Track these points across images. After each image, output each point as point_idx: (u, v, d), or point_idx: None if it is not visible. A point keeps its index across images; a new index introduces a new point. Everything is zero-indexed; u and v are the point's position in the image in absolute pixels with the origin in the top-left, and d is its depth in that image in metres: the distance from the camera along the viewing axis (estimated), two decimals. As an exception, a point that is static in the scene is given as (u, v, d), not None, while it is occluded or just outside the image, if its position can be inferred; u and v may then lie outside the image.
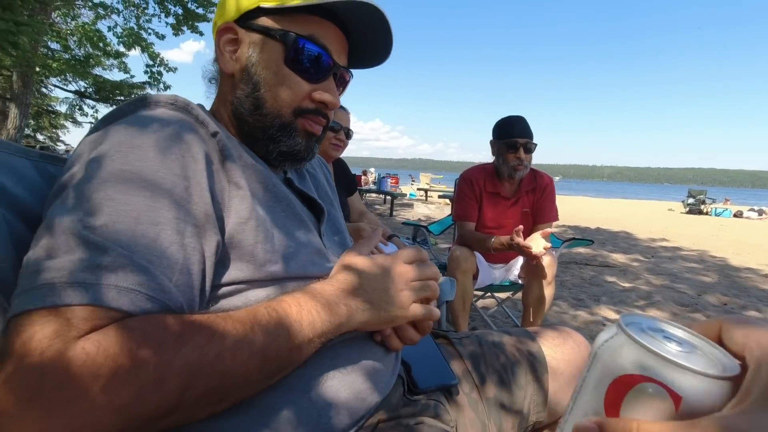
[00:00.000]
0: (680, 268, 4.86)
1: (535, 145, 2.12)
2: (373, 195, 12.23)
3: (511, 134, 2.09)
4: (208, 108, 0.72)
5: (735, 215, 15.02)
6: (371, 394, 0.61)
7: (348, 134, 1.92)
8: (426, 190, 13.32)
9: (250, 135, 0.68)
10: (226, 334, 0.45)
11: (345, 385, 0.58)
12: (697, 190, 16.99)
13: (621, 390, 0.26)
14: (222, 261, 0.54)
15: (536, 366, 0.85)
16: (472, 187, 2.23)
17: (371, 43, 0.72)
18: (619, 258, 5.41)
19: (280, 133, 0.66)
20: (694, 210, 15.88)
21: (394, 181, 9.89)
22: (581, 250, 5.88)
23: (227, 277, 0.55)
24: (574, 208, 15.73)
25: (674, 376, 0.24)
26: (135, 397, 0.39)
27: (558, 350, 0.88)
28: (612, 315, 2.96)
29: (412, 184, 15.29)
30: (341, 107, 1.84)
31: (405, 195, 13.01)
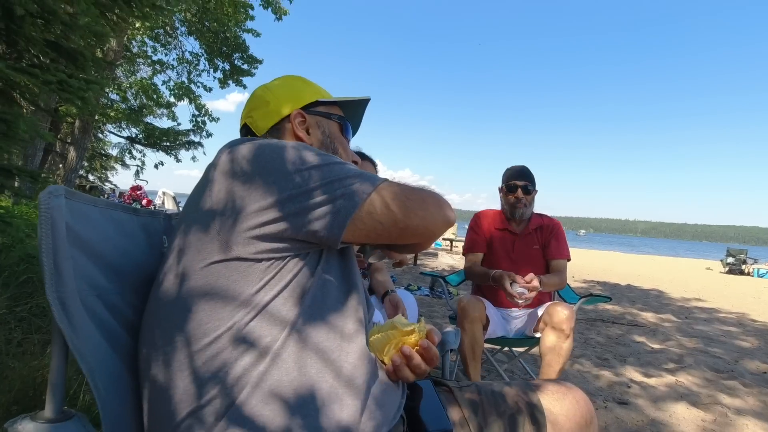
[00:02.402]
0: (716, 331, 4.61)
1: (534, 189, 2.36)
2: (398, 242, 12.25)
3: (511, 178, 2.37)
4: None
5: (780, 277, 14.13)
6: (375, 428, 0.68)
7: None
8: (451, 240, 13.28)
9: None
10: None
11: (353, 410, 0.66)
12: (737, 249, 16.21)
13: None
14: None
15: (537, 417, 0.87)
16: (480, 223, 2.45)
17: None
18: (649, 317, 5.19)
19: None
20: (735, 270, 15.08)
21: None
22: (608, 306, 5.69)
23: None
24: (604, 263, 15.24)
25: None
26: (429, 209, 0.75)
27: (557, 404, 0.90)
28: (639, 377, 2.84)
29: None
30: (371, 160, 1.97)
31: (429, 243, 12.98)
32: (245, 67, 10.03)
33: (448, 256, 9.77)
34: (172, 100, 9.53)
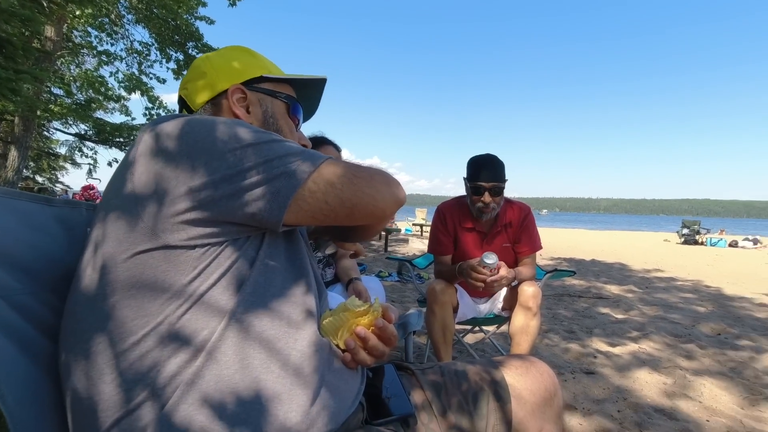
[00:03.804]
0: (674, 299, 4.84)
1: (502, 187, 2.07)
2: (369, 231, 12.26)
3: (477, 177, 2.05)
4: None
5: (730, 245, 15.06)
6: (330, 419, 0.64)
7: None
8: (421, 226, 13.38)
9: None
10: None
11: (305, 404, 0.61)
12: (691, 220, 17.13)
13: None
14: None
15: (500, 394, 0.85)
16: (445, 222, 2.23)
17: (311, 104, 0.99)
18: (613, 289, 5.39)
19: None
20: (690, 240, 15.95)
21: (389, 216, 9.96)
22: (575, 281, 5.87)
23: None
24: (570, 241, 15.77)
25: None
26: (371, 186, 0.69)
27: (521, 379, 0.88)
28: (604, 347, 2.93)
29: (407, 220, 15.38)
30: (334, 145, 1.88)
31: (400, 230, 13.04)
32: (200, 56, 9.58)
33: (418, 241, 9.80)
34: (122, 93, 9.00)
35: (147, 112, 9.45)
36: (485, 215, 2.11)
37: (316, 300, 0.73)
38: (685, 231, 16.42)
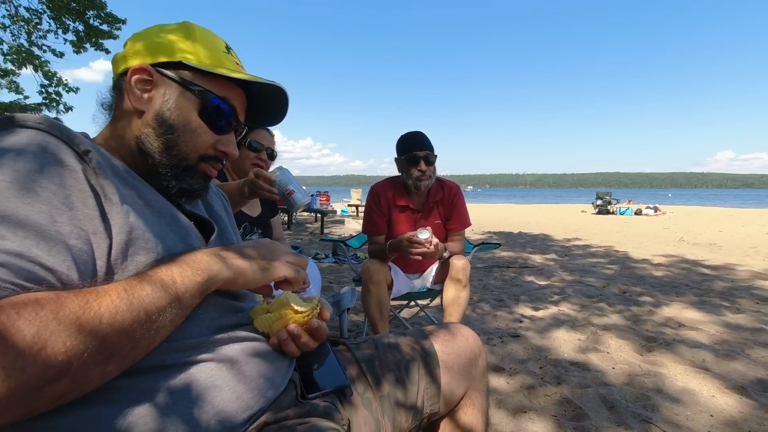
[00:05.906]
0: (589, 264, 5.32)
1: (435, 156, 2.20)
2: (305, 213, 12.08)
3: (411, 149, 2.17)
4: (95, 132, 0.75)
5: (636, 213, 16.83)
6: (255, 400, 0.64)
7: (271, 155, 1.83)
8: (357, 206, 13.41)
9: (153, 169, 0.70)
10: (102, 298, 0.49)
11: (227, 391, 0.61)
12: (604, 192, 18.83)
13: None
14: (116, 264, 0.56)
15: (428, 361, 0.90)
16: (379, 202, 2.27)
17: (272, 107, 0.85)
18: (537, 258, 5.81)
19: (184, 173, 0.72)
20: (603, 210, 17.56)
21: (324, 198, 9.89)
22: (503, 253, 6.24)
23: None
24: (500, 216, 16.68)
25: None
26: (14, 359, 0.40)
27: (448, 345, 0.94)
28: (529, 312, 3.16)
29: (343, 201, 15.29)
30: (267, 129, 1.83)
31: (336, 212, 12.97)
32: (104, 27, 8.55)
33: (354, 222, 9.82)
34: (9, 66, 7.83)
35: (43, 90, 8.34)
36: (423, 183, 2.18)
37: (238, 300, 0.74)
38: (599, 202, 18.04)
